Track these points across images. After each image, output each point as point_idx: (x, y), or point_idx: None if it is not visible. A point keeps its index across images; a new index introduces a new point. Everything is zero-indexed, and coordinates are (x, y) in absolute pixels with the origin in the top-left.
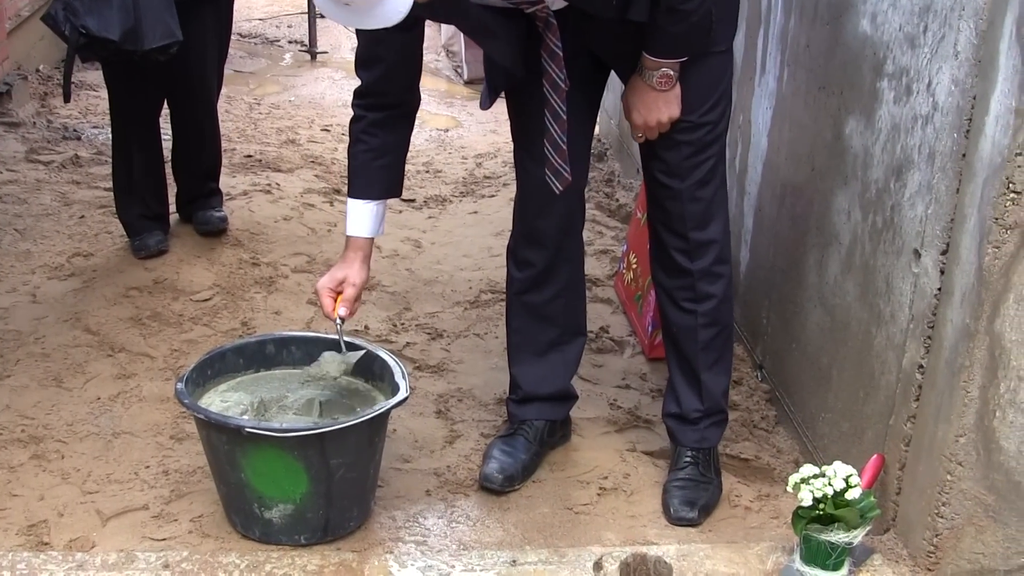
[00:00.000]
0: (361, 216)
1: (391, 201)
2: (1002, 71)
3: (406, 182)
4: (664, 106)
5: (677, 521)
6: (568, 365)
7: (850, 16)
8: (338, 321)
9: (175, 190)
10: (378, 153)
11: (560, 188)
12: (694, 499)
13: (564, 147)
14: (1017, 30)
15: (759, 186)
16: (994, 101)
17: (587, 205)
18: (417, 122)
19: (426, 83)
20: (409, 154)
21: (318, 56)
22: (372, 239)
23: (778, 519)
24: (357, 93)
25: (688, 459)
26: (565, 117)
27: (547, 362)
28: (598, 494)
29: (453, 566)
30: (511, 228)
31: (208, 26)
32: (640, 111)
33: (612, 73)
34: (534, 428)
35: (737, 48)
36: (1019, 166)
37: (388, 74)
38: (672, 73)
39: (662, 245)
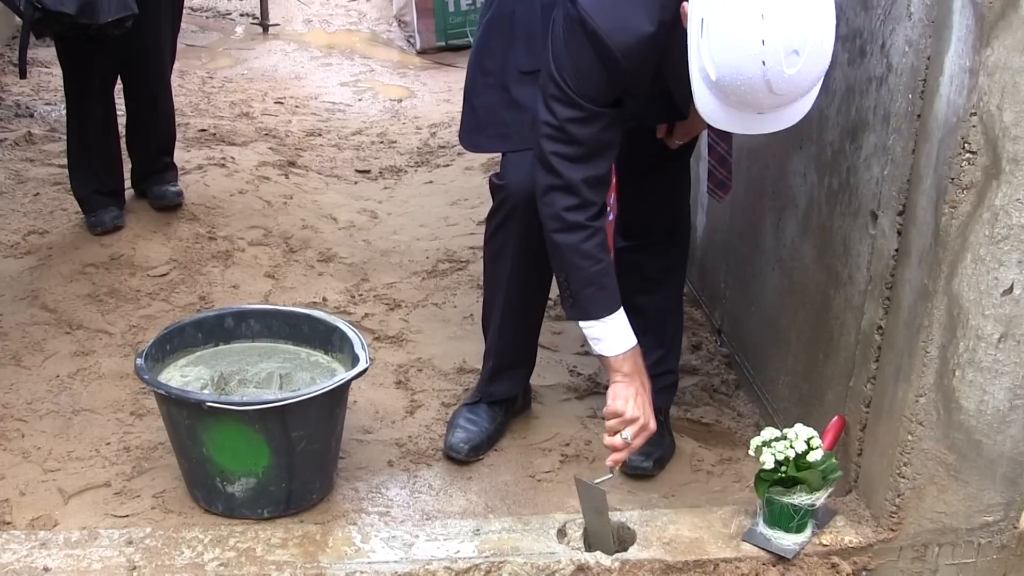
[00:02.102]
0: (625, 325)
1: (346, 173)
2: (955, 31)
3: (360, 153)
4: None
5: (632, 471)
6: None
7: None
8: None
9: (130, 166)
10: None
11: (723, 198)
12: (649, 451)
13: (731, 160)
14: None
15: None
16: (948, 61)
17: None
18: (370, 93)
19: (378, 54)
20: (363, 125)
21: (270, 29)
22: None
23: (740, 483)
24: (582, 205)
25: None
26: (732, 135)
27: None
28: (560, 461)
29: (417, 536)
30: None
31: (162, 5)
32: (693, 127)
33: None
34: (500, 399)
35: None
36: (974, 126)
37: (611, 159)
38: None
39: (645, 220)
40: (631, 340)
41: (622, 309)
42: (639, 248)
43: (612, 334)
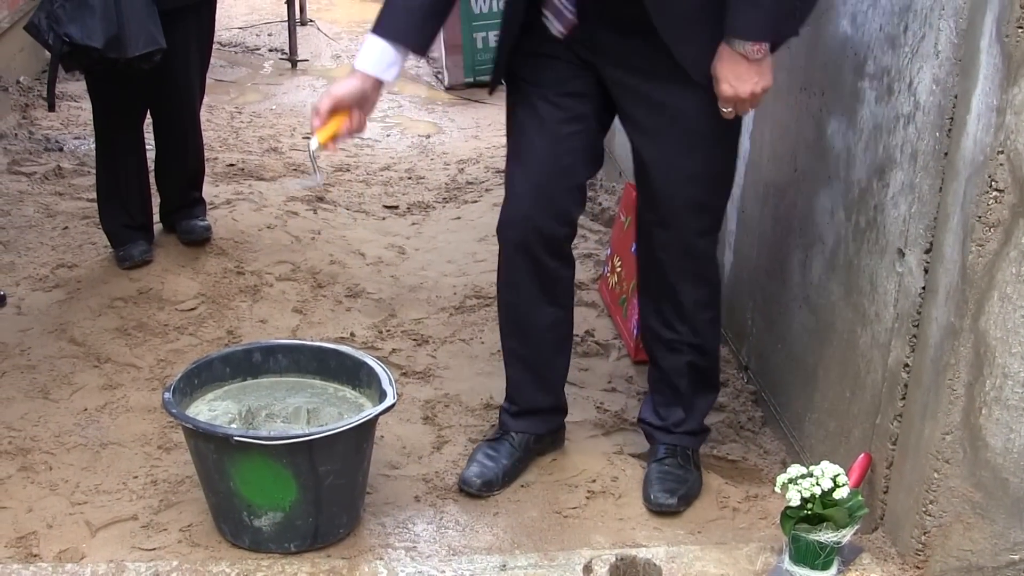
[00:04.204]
0: (372, 51)
1: (374, 208)
2: (983, 69)
3: (388, 189)
4: (758, 77)
5: (657, 508)
6: (561, 377)
7: (830, 17)
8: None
9: (158, 200)
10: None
11: (563, 31)
12: (674, 488)
13: None
14: (997, 29)
15: (742, 187)
16: (975, 99)
17: None
18: (398, 129)
19: (407, 89)
20: (391, 160)
21: (298, 64)
22: (379, 84)
23: (766, 519)
24: None
25: (665, 451)
26: None
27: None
28: (587, 497)
29: (443, 571)
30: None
31: (190, 34)
32: (731, 83)
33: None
34: (521, 436)
35: None
36: (1001, 164)
37: None
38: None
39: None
40: (367, 64)
41: (386, 43)
42: (654, 306)
43: (362, 49)
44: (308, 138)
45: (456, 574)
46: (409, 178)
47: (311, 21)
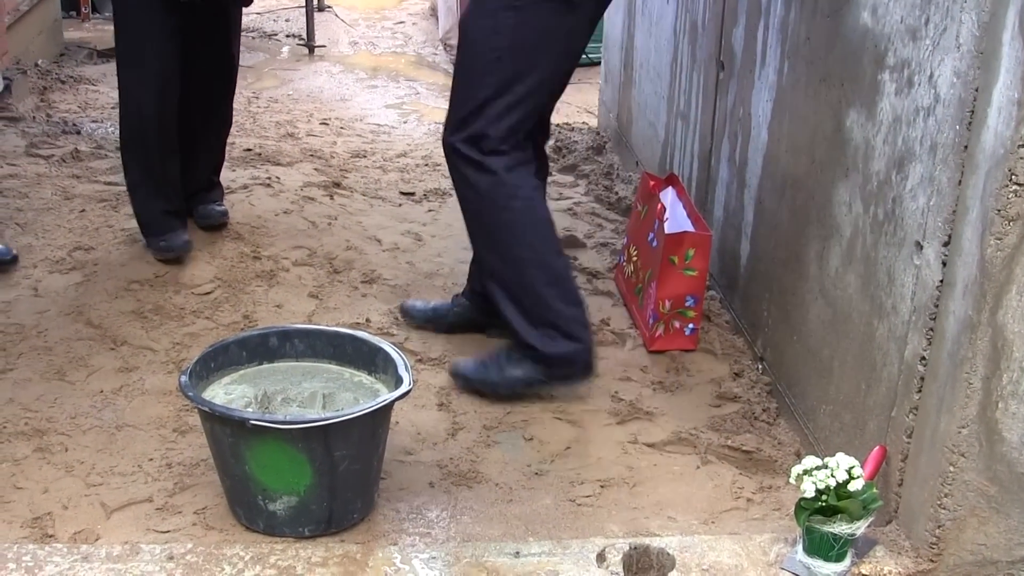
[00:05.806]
0: None
1: (390, 195)
2: (1004, 63)
3: (405, 175)
4: None
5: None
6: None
7: (850, 8)
8: None
9: None
10: None
11: None
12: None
13: None
14: (1019, 22)
15: (759, 178)
16: (996, 93)
17: (587, 198)
18: (415, 115)
19: (423, 76)
20: (408, 147)
21: (316, 50)
22: None
23: (780, 511)
24: None
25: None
26: None
27: None
28: (601, 486)
29: (457, 557)
30: None
31: (232, 13)
32: None
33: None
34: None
35: (737, 41)
36: (1022, 158)
37: None
38: None
39: None
40: None
41: None
42: None
43: None
44: (325, 123)
45: (470, 560)
46: (426, 165)
47: (328, 7)
